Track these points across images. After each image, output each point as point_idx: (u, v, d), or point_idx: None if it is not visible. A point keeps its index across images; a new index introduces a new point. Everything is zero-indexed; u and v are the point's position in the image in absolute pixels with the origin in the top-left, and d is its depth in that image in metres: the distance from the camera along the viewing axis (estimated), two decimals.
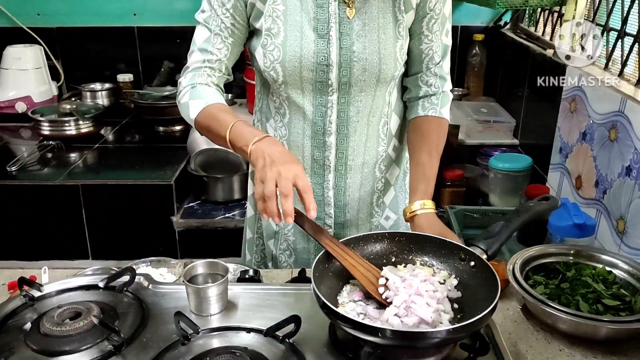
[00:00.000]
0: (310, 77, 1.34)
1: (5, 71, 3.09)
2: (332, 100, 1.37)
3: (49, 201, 2.41)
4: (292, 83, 1.35)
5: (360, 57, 1.33)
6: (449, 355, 1.02)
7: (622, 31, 1.79)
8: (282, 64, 1.32)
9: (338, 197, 1.49)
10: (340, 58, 1.33)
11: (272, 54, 1.32)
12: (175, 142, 2.85)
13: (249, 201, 1.65)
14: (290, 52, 1.31)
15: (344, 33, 1.32)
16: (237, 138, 1.23)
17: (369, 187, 1.51)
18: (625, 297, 1.22)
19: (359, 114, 1.40)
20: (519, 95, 2.63)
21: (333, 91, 1.36)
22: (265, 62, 1.33)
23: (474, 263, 1.13)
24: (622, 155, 1.57)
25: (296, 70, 1.32)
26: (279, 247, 1.57)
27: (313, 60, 1.32)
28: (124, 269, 1.24)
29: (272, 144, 1.20)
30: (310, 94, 1.37)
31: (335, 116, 1.39)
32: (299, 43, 1.31)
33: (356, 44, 1.32)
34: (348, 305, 1.09)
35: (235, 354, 0.99)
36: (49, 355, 1.02)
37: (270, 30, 1.31)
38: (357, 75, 1.35)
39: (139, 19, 3.25)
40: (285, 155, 1.16)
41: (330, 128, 1.40)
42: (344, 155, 1.44)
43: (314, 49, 1.31)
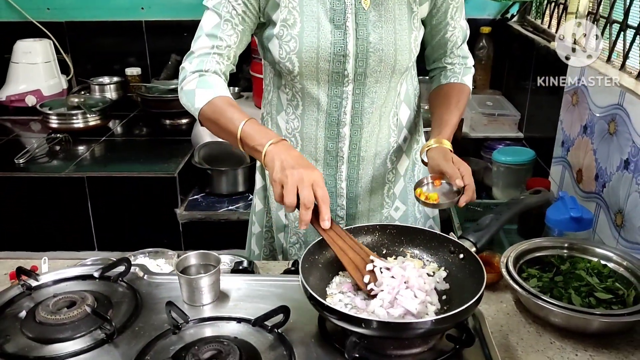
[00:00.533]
0: (326, 67, 1.34)
1: (15, 65, 3.13)
2: (348, 91, 1.38)
3: (56, 193, 2.44)
4: (307, 74, 1.35)
5: (377, 47, 1.33)
6: (435, 347, 1.03)
7: (624, 24, 1.77)
8: (299, 55, 1.31)
9: (350, 189, 1.50)
10: (357, 49, 1.33)
11: (288, 44, 1.31)
12: (180, 135, 2.87)
13: (257, 195, 1.65)
14: (307, 42, 1.31)
15: (360, 24, 1.32)
16: (250, 137, 1.21)
17: (381, 178, 1.52)
18: (618, 291, 1.22)
19: (373, 105, 1.41)
20: (524, 88, 2.62)
21: (349, 82, 1.36)
22: (280, 53, 1.33)
23: (463, 255, 1.14)
24: (621, 149, 1.56)
25: (312, 61, 1.32)
26: (289, 240, 1.58)
27: (330, 50, 1.32)
28: (120, 259, 1.26)
29: (289, 148, 1.19)
30: (325, 84, 1.37)
31: (350, 107, 1.39)
32: (315, 34, 1.31)
33: (372, 34, 1.33)
34: (336, 297, 1.10)
35: (224, 343, 1.01)
36: (43, 342, 1.05)
37: (286, 21, 1.31)
38: (373, 66, 1.35)
39: (147, 12, 3.27)
40: (303, 160, 1.16)
41: (345, 119, 1.41)
42: (357, 147, 1.44)
43: (331, 39, 1.31)
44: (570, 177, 1.94)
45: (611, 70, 1.79)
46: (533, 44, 2.50)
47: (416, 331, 0.96)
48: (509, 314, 1.26)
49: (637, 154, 1.48)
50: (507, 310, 1.27)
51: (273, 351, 1.02)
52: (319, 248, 1.16)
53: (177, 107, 2.93)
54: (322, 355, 1.02)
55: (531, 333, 1.19)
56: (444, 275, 1.15)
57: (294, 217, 1.53)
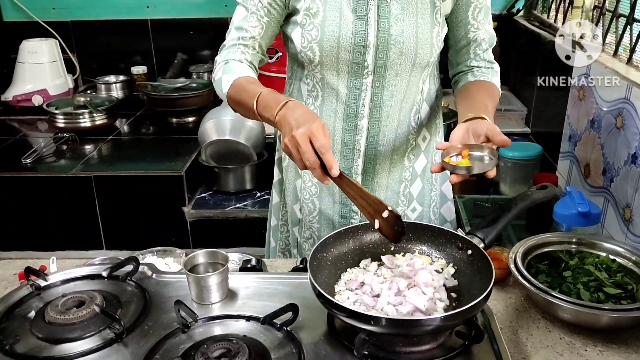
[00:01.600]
0: (346, 58, 1.34)
1: (21, 65, 3.14)
2: (367, 83, 1.37)
3: (63, 193, 2.45)
4: (328, 64, 1.35)
5: (398, 40, 1.33)
6: (444, 343, 1.03)
7: (631, 17, 1.76)
8: (320, 44, 1.32)
9: (366, 183, 1.49)
10: (378, 40, 1.33)
11: (310, 33, 1.32)
12: (187, 134, 2.88)
13: (274, 188, 1.65)
14: (329, 32, 1.31)
15: (382, 16, 1.32)
16: (264, 109, 1.22)
17: (397, 175, 1.51)
18: (627, 286, 1.22)
19: (393, 99, 1.40)
20: (530, 83, 2.61)
21: (368, 73, 1.36)
22: (302, 42, 1.34)
23: (471, 252, 1.14)
24: (628, 143, 1.56)
25: (333, 50, 1.33)
26: (303, 235, 1.58)
27: (351, 41, 1.32)
28: (128, 258, 1.26)
29: (294, 108, 1.17)
30: (345, 75, 1.37)
31: (368, 99, 1.39)
32: (337, 23, 1.31)
33: (394, 27, 1.32)
34: (344, 294, 1.10)
35: (233, 341, 1.01)
36: (53, 342, 1.05)
37: (309, 10, 1.32)
38: (393, 58, 1.35)
39: (152, 11, 3.28)
40: (302, 117, 1.13)
41: (363, 111, 1.40)
42: (374, 140, 1.44)
43: (352, 29, 1.32)
44: (577, 172, 1.93)
45: (618, 64, 1.79)
46: (539, 38, 2.49)
47: (425, 328, 0.95)
48: (517, 309, 1.25)
49: None
50: (515, 306, 1.27)
51: (282, 349, 1.02)
52: (327, 246, 1.16)
53: (184, 106, 2.99)
54: (331, 352, 1.02)
55: (540, 329, 1.19)
56: (452, 271, 1.15)
57: (308, 212, 1.53)
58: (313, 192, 1.51)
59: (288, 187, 1.58)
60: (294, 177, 1.54)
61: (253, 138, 2.52)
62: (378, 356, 0.99)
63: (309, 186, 1.51)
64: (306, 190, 1.52)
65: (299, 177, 1.52)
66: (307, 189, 1.52)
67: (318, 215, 1.53)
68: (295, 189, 1.55)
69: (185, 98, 2.96)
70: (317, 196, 1.51)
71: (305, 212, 1.54)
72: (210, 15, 3.06)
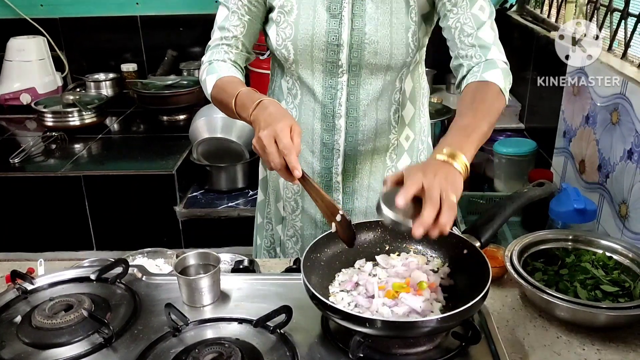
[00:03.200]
0: (320, 56, 1.33)
1: (9, 63, 3.11)
2: (342, 82, 1.37)
3: (53, 193, 2.43)
4: (302, 62, 1.35)
5: (372, 39, 1.31)
6: (440, 345, 1.01)
7: (625, 12, 1.75)
8: (294, 42, 1.32)
9: (346, 183, 1.48)
10: (352, 39, 1.32)
11: (285, 31, 1.32)
12: (178, 132, 2.85)
13: (260, 185, 1.65)
14: (303, 30, 1.31)
15: (357, 14, 1.31)
16: (241, 109, 1.23)
17: (379, 175, 1.49)
18: (624, 283, 1.21)
19: (369, 98, 1.39)
20: (524, 78, 2.60)
21: (343, 72, 1.35)
22: (277, 40, 1.33)
23: (467, 251, 1.12)
24: (624, 139, 1.55)
25: (307, 49, 1.32)
26: (286, 234, 1.57)
27: (324, 39, 1.31)
28: (117, 260, 1.24)
29: (265, 107, 1.17)
30: (320, 74, 1.36)
31: (344, 98, 1.38)
32: (311, 21, 1.31)
33: (368, 25, 1.31)
34: (339, 295, 1.08)
35: (225, 344, 0.99)
36: (40, 348, 1.03)
37: (284, 8, 1.31)
38: (367, 57, 1.33)
39: (142, 7, 3.25)
40: (271, 117, 1.14)
41: (340, 110, 1.39)
42: (353, 140, 1.43)
43: (326, 28, 1.31)
44: (572, 168, 1.92)
45: (612, 59, 1.77)
46: (533, 33, 2.48)
47: (421, 330, 0.94)
48: (514, 308, 1.24)
49: None
50: (512, 304, 1.25)
51: (276, 352, 1.00)
52: (320, 246, 1.14)
53: (174, 103, 2.96)
54: (326, 355, 1.00)
55: (537, 327, 1.18)
56: (448, 271, 1.13)
57: (291, 210, 1.53)
58: (295, 190, 1.51)
59: (271, 185, 1.58)
60: (277, 175, 1.51)
61: (245, 136, 2.50)
62: (373, 358, 0.98)
63: (291, 185, 1.50)
64: (288, 188, 1.52)
65: None
66: (289, 187, 1.51)
67: (300, 213, 1.52)
68: (278, 186, 1.55)
69: (176, 95, 2.94)
70: (300, 194, 1.51)
71: (288, 210, 1.54)
72: (200, 11, 3.03)
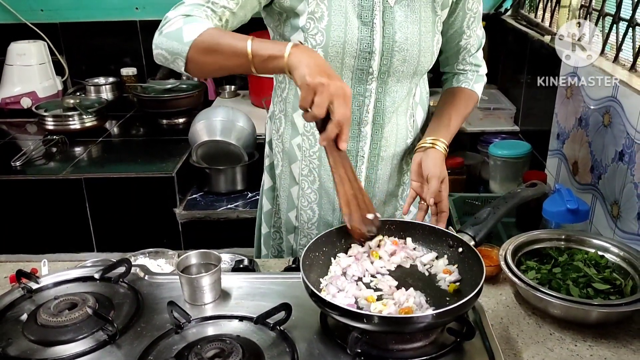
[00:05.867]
0: (351, 64, 1.32)
1: (10, 67, 3.12)
2: (371, 89, 1.36)
3: (54, 195, 2.44)
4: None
5: (402, 47, 1.32)
6: (436, 340, 1.04)
7: (617, 16, 1.78)
8: (325, 49, 1.29)
9: (368, 189, 1.47)
10: (383, 46, 1.32)
11: (315, 38, 1.28)
12: (178, 135, 2.87)
13: (265, 195, 1.63)
14: (335, 37, 1.28)
15: (387, 22, 1.31)
16: (263, 47, 1.10)
17: (397, 179, 1.51)
18: (616, 281, 1.23)
19: (394, 104, 1.40)
20: (519, 82, 2.63)
21: (373, 80, 1.35)
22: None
23: (462, 249, 1.15)
24: (615, 141, 1.57)
25: (338, 56, 1.30)
26: (299, 242, 1.56)
27: (356, 47, 1.30)
28: (120, 260, 1.26)
29: (314, 51, 1.13)
30: (349, 82, 1.34)
31: (372, 106, 1.38)
32: (343, 28, 1.28)
33: (398, 33, 1.32)
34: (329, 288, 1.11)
35: (226, 341, 1.02)
36: (45, 345, 1.05)
37: (314, 14, 1.27)
38: (396, 65, 1.34)
39: (141, 12, 3.27)
40: (330, 69, 1.08)
41: (367, 118, 1.39)
42: (377, 146, 1.43)
43: (358, 35, 1.29)
44: (566, 170, 1.95)
45: (605, 62, 1.80)
46: (527, 37, 2.51)
47: (417, 325, 0.96)
48: (508, 306, 1.27)
49: (631, 146, 1.49)
50: (506, 302, 1.28)
51: (276, 348, 1.03)
52: (319, 245, 1.17)
53: (174, 107, 2.99)
54: (325, 351, 1.03)
55: (531, 325, 1.21)
56: (446, 262, 1.16)
57: (307, 219, 1.51)
58: (312, 199, 1.49)
59: (282, 195, 1.55)
60: (289, 184, 1.52)
61: (244, 139, 2.53)
62: (371, 354, 1.00)
63: (308, 193, 1.48)
64: (305, 197, 1.49)
65: (295, 184, 1.50)
66: (305, 196, 1.49)
67: (317, 222, 1.51)
68: (291, 196, 1.52)
69: (176, 99, 2.96)
70: (317, 203, 1.49)
71: (304, 219, 1.52)
72: None
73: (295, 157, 1.46)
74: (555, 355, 1.12)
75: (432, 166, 1.34)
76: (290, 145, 1.46)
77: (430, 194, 1.32)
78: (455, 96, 1.51)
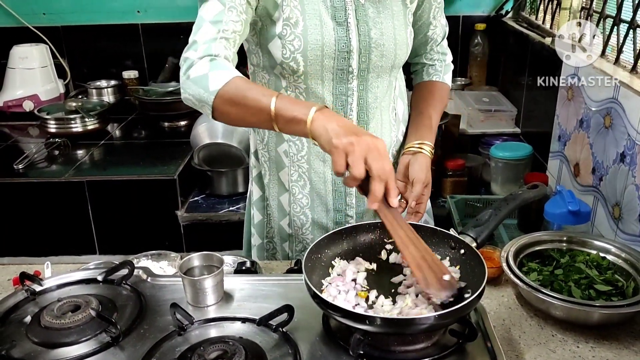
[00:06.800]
0: (330, 65, 1.33)
1: (12, 70, 3.12)
2: (352, 88, 1.37)
3: (56, 198, 2.45)
4: (312, 73, 1.33)
5: (378, 42, 1.34)
6: (438, 342, 1.04)
7: (618, 18, 1.78)
8: (304, 54, 1.29)
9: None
10: (360, 44, 1.33)
11: (293, 44, 1.29)
12: (179, 137, 2.87)
13: (254, 206, 1.59)
14: (312, 40, 1.29)
15: (361, 20, 1.33)
16: (287, 108, 1.10)
17: None
18: (617, 283, 1.24)
19: (377, 100, 1.41)
20: (520, 84, 2.63)
21: (353, 78, 1.36)
22: (284, 53, 1.30)
23: (464, 251, 1.15)
24: (617, 142, 1.58)
25: (317, 59, 1.30)
26: (294, 249, 1.55)
27: (334, 47, 1.31)
28: (122, 262, 1.26)
29: (338, 115, 1.11)
30: (330, 83, 1.36)
31: (355, 104, 1.39)
32: (319, 31, 1.29)
33: (373, 30, 1.33)
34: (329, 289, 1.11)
35: (229, 343, 1.02)
36: (49, 347, 1.06)
37: (289, 20, 1.28)
38: (375, 61, 1.36)
39: (143, 16, 3.28)
40: (356, 127, 1.07)
41: (352, 116, 1.40)
42: None
43: (335, 36, 1.30)
44: (567, 171, 1.95)
45: (606, 64, 1.81)
46: (528, 39, 2.51)
47: (419, 327, 0.96)
48: (510, 307, 1.27)
49: (633, 147, 1.49)
50: (508, 304, 1.28)
51: (278, 350, 1.03)
52: (321, 247, 1.17)
53: (176, 110, 2.99)
54: (327, 352, 1.03)
55: (533, 326, 1.21)
56: (448, 264, 1.16)
57: (300, 224, 1.50)
58: (304, 203, 1.48)
59: (272, 204, 1.53)
60: (278, 192, 1.50)
61: (245, 141, 2.53)
62: (373, 355, 1.00)
63: (300, 198, 1.47)
64: (296, 203, 1.48)
65: (285, 191, 1.49)
66: (297, 201, 1.48)
67: (311, 226, 1.50)
68: (281, 204, 1.51)
69: (177, 102, 2.95)
70: (309, 207, 1.48)
71: (297, 225, 1.51)
72: None
73: (283, 164, 1.46)
74: (558, 356, 1.12)
75: (419, 171, 1.38)
76: (276, 153, 1.46)
77: (413, 196, 1.36)
78: (430, 92, 1.55)
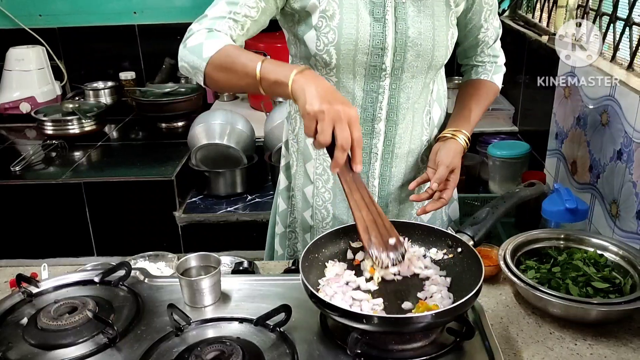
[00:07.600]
0: (363, 60, 1.31)
1: (8, 72, 3.13)
2: (384, 86, 1.36)
3: (53, 200, 2.45)
4: (344, 67, 1.32)
5: (415, 42, 1.32)
6: (435, 340, 1.04)
7: (614, 16, 1.78)
8: (337, 47, 1.28)
9: (382, 187, 1.47)
10: (396, 42, 1.31)
11: (327, 36, 1.28)
12: (177, 138, 2.88)
13: (280, 195, 1.62)
14: (346, 34, 1.28)
15: (399, 17, 1.31)
16: (271, 71, 1.11)
17: (412, 177, 1.50)
18: (615, 280, 1.23)
19: (409, 101, 1.40)
20: (517, 82, 2.63)
21: (386, 76, 1.35)
22: (318, 45, 1.29)
23: (461, 249, 1.15)
24: (614, 139, 1.58)
25: (350, 53, 1.29)
26: None
27: (368, 43, 1.29)
28: (120, 263, 1.26)
29: (317, 77, 1.11)
30: (361, 79, 1.35)
31: (386, 102, 1.38)
32: (355, 25, 1.28)
33: (411, 29, 1.32)
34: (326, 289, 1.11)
35: (226, 343, 1.02)
36: (46, 349, 1.05)
37: (326, 12, 1.27)
38: (410, 60, 1.34)
39: (139, 17, 3.28)
40: (336, 94, 1.08)
41: (381, 114, 1.39)
42: (391, 143, 1.43)
43: (370, 32, 1.29)
44: (565, 169, 1.95)
45: (602, 62, 1.81)
46: (525, 38, 2.51)
47: (417, 325, 0.96)
48: (508, 306, 1.27)
49: (630, 144, 1.49)
50: (506, 302, 1.28)
51: (276, 350, 1.03)
52: (319, 246, 1.17)
53: (173, 110, 2.99)
54: (325, 352, 1.03)
55: (530, 324, 1.20)
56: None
57: (321, 218, 1.51)
58: (327, 198, 1.49)
59: (297, 194, 1.54)
60: (303, 183, 1.52)
61: (243, 142, 2.53)
62: (371, 354, 1.00)
63: (323, 192, 1.48)
64: (319, 196, 1.49)
65: (310, 183, 1.50)
66: (320, 195, 1.49)
67: (332, 221, 1.50)
68: (305, 195, 1.52)
69: (174, 103, 2.97)
70: (331, 202, 1.49)
71: (318, 218, 1.52)
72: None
73: (310, 155, 1.47)
74: (555, 354, 1.12)
75: (445, 155, 1.38)
76: (304, 145, 1.47)
77: (435, 178, 1.35)
78: (474, 88, 1.54)
